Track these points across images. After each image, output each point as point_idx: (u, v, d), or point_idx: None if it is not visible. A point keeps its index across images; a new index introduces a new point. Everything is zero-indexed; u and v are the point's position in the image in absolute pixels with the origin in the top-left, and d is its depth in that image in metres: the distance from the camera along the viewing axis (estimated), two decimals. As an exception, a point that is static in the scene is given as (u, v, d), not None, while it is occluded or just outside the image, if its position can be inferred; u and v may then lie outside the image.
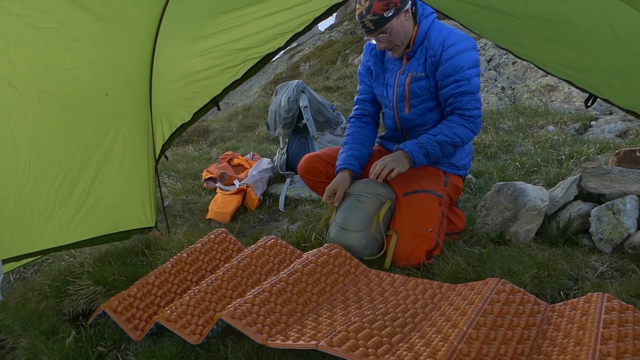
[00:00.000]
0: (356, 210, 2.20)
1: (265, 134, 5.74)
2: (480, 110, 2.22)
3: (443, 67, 2.16)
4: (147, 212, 2.74)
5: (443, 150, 2.22)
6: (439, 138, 2.19)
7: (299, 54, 16.59)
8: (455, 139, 2.19)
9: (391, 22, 2.12)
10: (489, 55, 7.08)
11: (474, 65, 2.17)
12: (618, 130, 4.06)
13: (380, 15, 2.09)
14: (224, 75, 2.53)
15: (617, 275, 1.92)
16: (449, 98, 2.20)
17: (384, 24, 2.11)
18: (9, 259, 2.15)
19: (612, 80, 1.64)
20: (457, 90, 2.16)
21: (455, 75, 2.14)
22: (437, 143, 2.19)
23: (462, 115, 2.19)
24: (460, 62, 2.13)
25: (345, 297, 1.82)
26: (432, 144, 2.19)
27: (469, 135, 2.22)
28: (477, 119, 2.20)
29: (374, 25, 2.12)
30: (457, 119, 2.20)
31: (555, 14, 1.44)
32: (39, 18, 1.75)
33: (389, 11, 2.10)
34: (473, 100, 2.18)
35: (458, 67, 2.13)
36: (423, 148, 2.19)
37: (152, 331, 1.82)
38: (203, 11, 2.20)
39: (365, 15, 2.11)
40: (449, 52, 2.14)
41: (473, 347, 1.36)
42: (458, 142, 2.21)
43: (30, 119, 1.97)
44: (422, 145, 2.19)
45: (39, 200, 2.14)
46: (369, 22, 2.12)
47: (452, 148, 2.23)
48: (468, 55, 2.15)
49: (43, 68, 1.90)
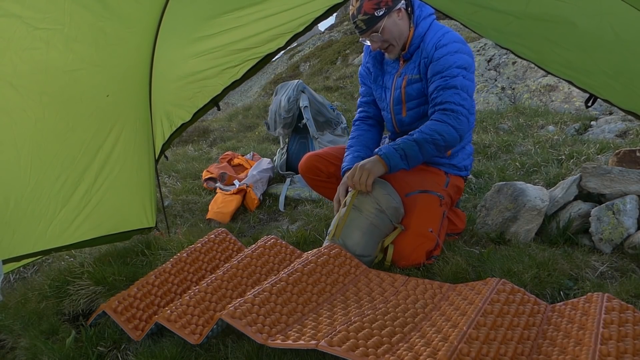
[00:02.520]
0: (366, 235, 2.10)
1: (265, 134, 5.74)
2: (464, 108, 2.11)
3: (432, 65, 2.14)
4: (147, 213, 2.74)
5: (423, 151, 2.12)
6: (417, 137, 2.10)
7: (299, 54, 16.60)
8: (434, 136, 2.09)
9: (382, 21, 2.12)
10: (489, 55, 7.08)
11: (463, 67, 2.13)
12: (618, 130, 4.06)
13: (371, 14, 2.10)
14: (224, 75, 2.53)
15: (617, 275, 1.92)
16: (432, 93, 2.15)
17: (375, 23, 2.12)
18: (9, 259, 2.15)
19: (612, 82, 1.64)
20: (440, 84, 2.12)
21: (443, 73, 2.11)
22: (415, 143, 2.10)
23: (443, 110, 2.11)
24: (449, 61, 2.11)
25: (346, 297, 1.82)
26: (409, 145, 2.11)
27: (450, 132, 2.10)
28: (459, 115, 2.10)
29: (366, 24, 2.13)
30: (436, 116, 2.13)
31: (555, 14, 1.44)
32: (40, 19, 1.75)
33: (380, 10, 2.10)
34: (456, 95, 2.10)
35: (447, 65, 2.11)
36: (399, 150, 2.11)
37: (152, 331, 1.82)
38: (203, 12, 2.20)
39: (356, 16, 2.13)
40: (440, 52, 2.13)
41: (473, 347, 1.36)
42: (438, 140, 2.10)
43: (32, 120, 1.97)
44: (398, 147, 2.12)
45: (41, 201, 2.14)
46: (361, 21, 2.13)
47: (433, 147, 2.11)
48: (459, 56, 2.13)
49: (44, 69, 1.89)
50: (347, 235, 2.10)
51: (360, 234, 2.09)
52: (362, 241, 2.09)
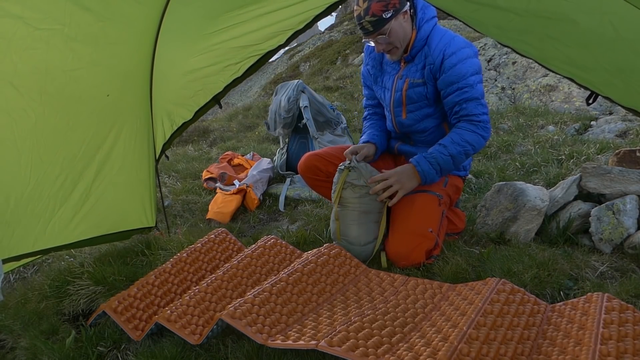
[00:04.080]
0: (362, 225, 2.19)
1: (265, 134, 5.74)
2: (487, 116, 2.18)
3: (445, 76, 2.15)
4: (147, 212, 2.74)
5: (456, 162, 2.18)
6: (451, 150, 2.14)
7: (299, 54, 16.60)
8: (466, 147, 2.15)
9: (390, 23, 2.10)
10: (489, 55, 7.08)
11: (476, 72, 2.15)
12: (618, 130, 4.06)
13: (379, 16, 2.08)
14: (225, 72, 2.53)
15: (617, 275, 1.92)
16: (454, 106, 2.18)
17: (382, 25, 2.10)
18: (9, 258, 2.15)
19: (613, 79, 1.64)
20: (462, 97, 2.14)
21: (459, 83, 2.13)
22: (451, 157, 2.15)
23: (471, 121, 2.15)
24: (462, 70, 2.12)
25: (345, 297, 1.82)
26: (445, 160, 2.15)
27: (479, 141, 2.17)
28: (486, 124, 2.17)
29: (373, 26, 2.10)
30: (466, 125, 2.16)
31: (557, 12, 1.44)
32: (40, 19, 1.75)
33: (388, 12, 2.08)
34: (479, 106, 2.15)
35: (461, 74, 2.12)
36: (435, 165, 2.15)
37: (152, 331, 1.82)
38: (204, 10, 2.20)
39: (363, 17, 2.10)
40: (450, 61, 2.13)
41: (473, 347, 1.36)
42: (470, 150, 2.16)
43: (32, 120, 1.97)
44: (434, 160, 2.15)
45: (40, 201, 2.15)
46: (368, 23, 2.10)
47: (464, 157, 2.19)
48: (470, 62, 2.14)
49: (44, 69, 1.89)
50: (345, 233, 2.21)
51: (356, 226, 2.19)
52: (360, 231, 2.19)
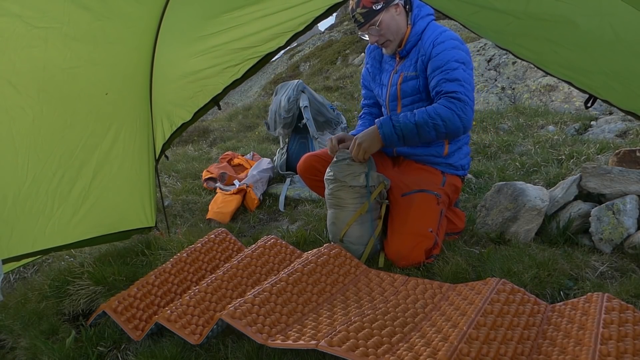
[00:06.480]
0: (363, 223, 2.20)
1: (265, 134, 5.74)
2: (467, 98, 2.11)
3: (431, 62, 2.19)
4: (147, 212, 2.74)
5: (422, 134, 2.12)
6: (418, 119, 2.10)
7: (299, 54, 16.60)
8: (436, 120, 2.08)
9: (380, 14, 2.19)
10: (489, 55, 7.08)
11: (462, 61, 2.16)
12: (618, 130, 4.06)
13: (369, 7, 2.18)
14: (225, 74, 2.54)
15: (617, 275, 1.92)
16: (435, 87, 2.18)
17: (373, 16, 2.19)
18: (8, 258, 2.15)
19: (611, 82, 1.63)
20: (442, 77, 2.15)
21: (443, 67, 2.15)
22: (415, 126, 2.11)
23: (448, 98, 2.11)
24: (447, 55, 2.16)
25: (345, 297, 1.82)
26: (409, 128, 2.12)
27: (453, 119, 2.08)
28: (466, 105, 2.10)
29: (364, 17, 2.20)
30: (442, 101, 2.12)
31: (556, 14, 1.44)
32: (39, 18, 1.75)
33: (378, 4, 2.18)
34: (459, 86, 2.11)
35: (445, 59, 2.15)
36: (399, 129, 2.13)
37: (152, 331, 1.82)
38: (203, 11, 2.20)
39: (355, 9, 2.20)
40: (438, 48, 2.18)
41: (473, 347, 1.36)
42: (440, 126, 2.09)
43: (30, 118, 1.97)
44: (399, 124, 2.13)
45: (38, 198, 2.14)
46: (359, 14, 2.20)
47: (433, 132, 2.11)
48: (456, 52, 2.17)
49: (43, 68, 1.90)
50: (347, 233, 2.20)
51: (357, 226, 2.19)
52: (361, 229, 2.19)
